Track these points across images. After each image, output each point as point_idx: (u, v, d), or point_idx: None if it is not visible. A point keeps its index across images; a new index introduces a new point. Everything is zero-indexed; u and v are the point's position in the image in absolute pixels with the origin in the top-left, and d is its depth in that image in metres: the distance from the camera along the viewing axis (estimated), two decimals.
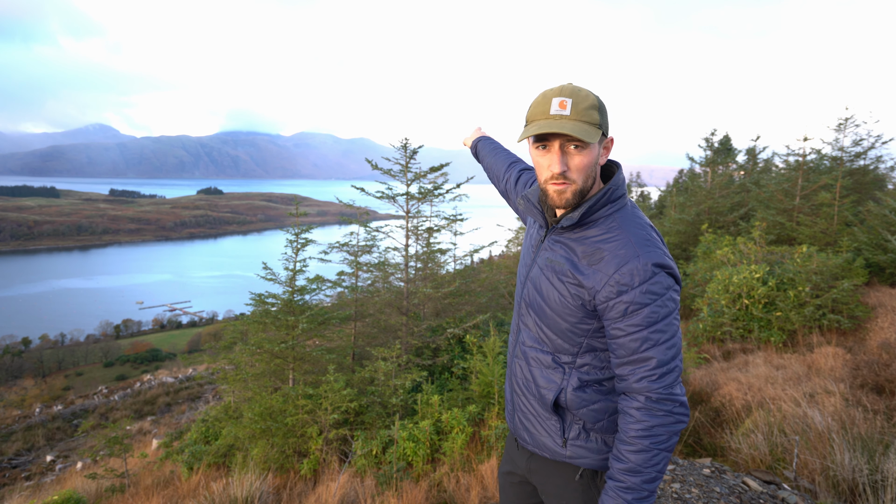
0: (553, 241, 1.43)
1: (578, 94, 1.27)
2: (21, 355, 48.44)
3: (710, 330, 7.64)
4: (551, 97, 1.27)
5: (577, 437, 1.43)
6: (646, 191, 29.60)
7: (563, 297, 1.36)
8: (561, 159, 1.28)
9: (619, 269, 1.26)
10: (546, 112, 1.27)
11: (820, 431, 3.64)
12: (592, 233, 1.34)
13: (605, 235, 1.32)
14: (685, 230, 13.89)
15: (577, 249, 1.35)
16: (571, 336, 1.38)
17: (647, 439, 1.26)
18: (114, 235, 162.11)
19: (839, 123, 11.14)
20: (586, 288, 1.31)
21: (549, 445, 1.48)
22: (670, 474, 3.18)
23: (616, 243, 1.30)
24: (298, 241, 7.18)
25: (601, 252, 1.31)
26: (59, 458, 22.34)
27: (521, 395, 1.53)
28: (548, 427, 1.47)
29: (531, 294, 1.46)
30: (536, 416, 1.50)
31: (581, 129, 1.23)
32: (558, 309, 1.38)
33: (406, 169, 7.69)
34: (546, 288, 1.41)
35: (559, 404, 1.42)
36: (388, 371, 6.31)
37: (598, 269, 1.30)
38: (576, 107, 1.25)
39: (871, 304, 7.31)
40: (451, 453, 4.43)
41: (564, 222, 1.35)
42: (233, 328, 10.41)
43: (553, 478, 1.51)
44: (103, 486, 7.58)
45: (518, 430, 1.57)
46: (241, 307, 17.25)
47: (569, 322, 1.37)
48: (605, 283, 1.27)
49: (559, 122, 1.24)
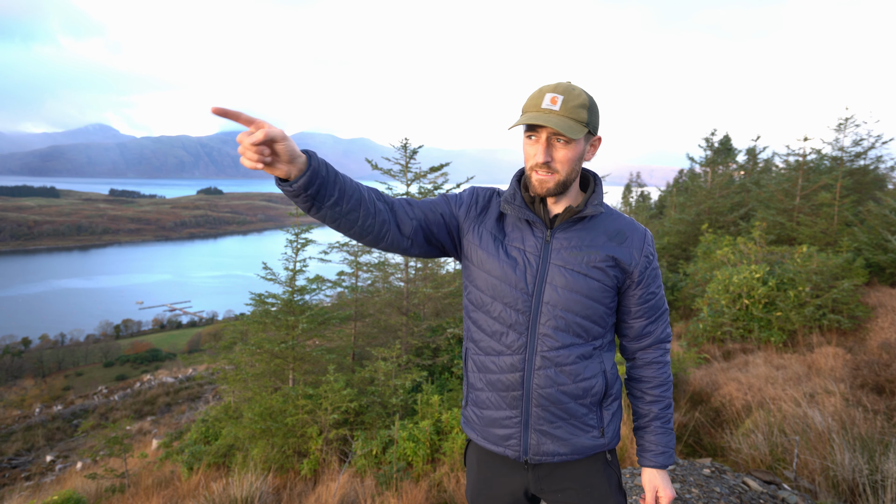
0: (566, 236, 1.44)
1: (571, 92, 1.34)
2: (21, 355, 48.43)
3: (710, 330, 7.64)
4: (545, 92, 1.35)
5: (610, 420, 1.53)
6: (646, 191, 29.60)
7: (600, 281, 1.44)
8: (546, 150, 1.36)
9: (643, 243, 1.47)
10: (538, 105, 1.34)
11: (820, 431, 3.64)
12: (599, 219, 1.47)
13: (611, 218, 1.49)
14: (685, 230, 13.89)
15: (600, 234, 1.46)
16: (605, 318, 1.48)
17: (671, 378, 1.57)
18: (114, 235, 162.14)
19: (839, 123, 11.14)
20: (623, 265, 1.45)
21: (588, 443, 1.49)
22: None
23: (625, 222, 1.49)
24: (298, 241, 7.18)
25: (623, 232, 1.47)
26: (59, 458, 22.34)
27: (550, 405, 1.45)
28: (587, 423, 1.48)
29: (560, 294, 1.42)
30: (571, 419, 1.46)
31: (566, 124, 1.31)
32: (597, 295, 1.44)
33: (406, 169, 7.69)
34: (582, 280, 1.42)
35: (605, 389, 1.50)
36: (388, 371, 6.31)
37: (627, 246, 1.46)
38: (566, 104, 1.33)
39: (871, 304, 7.31)
40: (451, 453, 4.42)
41: (591, 211, 1.42)
42: (233, 328, 10.41)
43: (578, 474, 1.51)
44: (103, 487, 7.58)
45: (537, 447, 1.48)
46: (241, 307, 17.26)
47: (605, 304, 1.47)
48: (639, 255, 1.47)
49: (547, 115, 1.32)
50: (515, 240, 1.46)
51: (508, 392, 1.48)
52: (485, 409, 1.53)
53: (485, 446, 1.55)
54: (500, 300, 1.45)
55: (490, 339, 1.49)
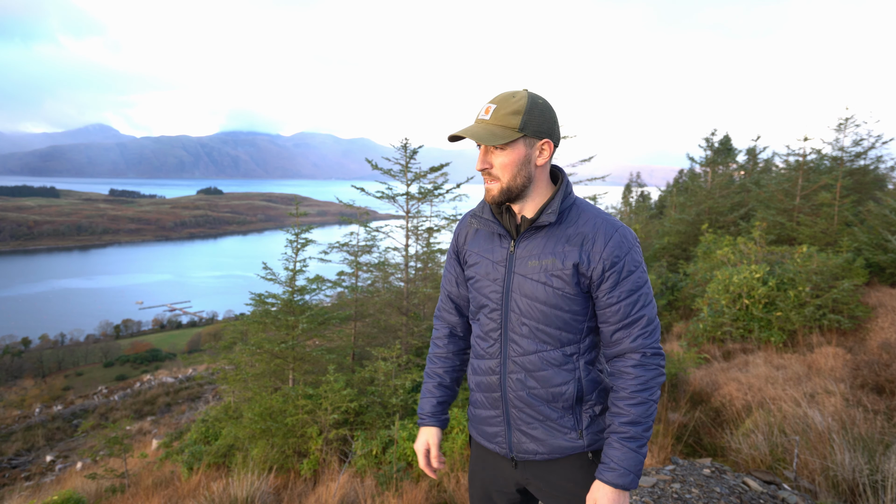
0: (527, 245, 1.49)
1: (507, 100, 1.39)
2: (21, 355, 48.40)
3: (710, 330, 7.64)
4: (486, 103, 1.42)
5: (590, 424, 1.52)
6: (646, 191, 29.56)
7: (559, 289, 1.44)
8: (483, 157, 1.43)
9: (607, 245, 1.41)
10: (477, 116, 1.43)
11: (820, 431, 3.64)
12: (564, 224, 1.46)
13: (578, 222, 1.46)
14: (685, 230, 13.89)
15: (560, 241, 1.45)
16: (574, 324, 1.47)
17: (644, 392, 1.42)
18: (114, 235, 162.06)
19: (839, 123, 11.14)
20: (583, 270, 1.43)
21: (565, 444, 1.52)
22: (670, 474, 3.18)
23: (592, 224, 1.44)
24: (298, 241, 7.18)
25: (584, 235, 1.43)
26: (59, 458, 22.34)
27: (524, 407, 1.52)
28: (562, 426, 1.51)
29: (522, 303, 1.48)
30: (546, 421, 1.52)
31: (487, 131, 1.37)
32: (559, 302, 1.45)
33: (406, 169, 7.69)
34: (541, 289, 1.46)
35: (577, 395, 1.50)
36: (388, 371, 6.31)
37: (588, 250, 1.42)
38: (496, 112, 1.39)
39: (871, 304, 7.31)
40: (451, 453, 4.42)
41: (544, 220, 1.44)
42: (233, 328, 10.41)
43: (560, 472, 1.55)
44: (103, 487, 7.58)
45: (519, 445, 1.56)
46: (241, 307, 17.26)
47: (571, 311, 1.46)
48: (600, 258, 1.41)
49: (474, 126, 1.40)
50: (487, 251, 1.55)
51: (490, 393, 1.58)
52: (477, 409, 1.65)
53: (481, 443, 1.67)
54: (481, 309, 1.57)
55: (477, 345, 1.61)
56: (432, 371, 1.74)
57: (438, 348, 1.75)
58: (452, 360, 1.74)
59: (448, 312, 1.74)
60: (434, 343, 1.77)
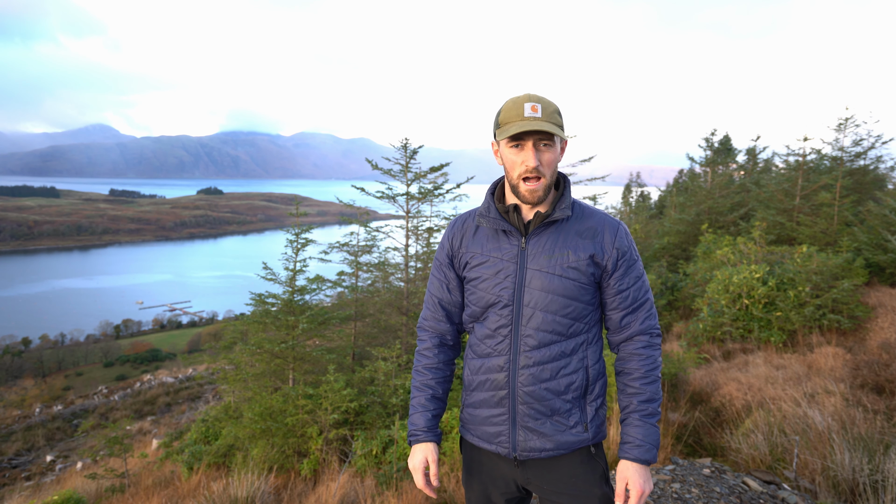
0: (538, 241, 1.55)
1: (544, 100, 1.49)
2: (21, 355, 48.39)
3: (710, 330, 7.64)
4: (523, 103, 1.47)
5: (594, 417, 1.58)
6: (646, 191, 29.56)
7: (576, 280, 1.53)
8: (535, 154, 1.46)
9: (615, 237, 1.55)
10: (521, 115, 1.45)
11: (820, 431, 3.64)
12: (572, 220, 1.56)
13: (583, 217, 1.57)
14: (685, 230, 13.89)
15: (571, 235, 1.55)
16: (585, 314, 1.56)
17: (656, 370, 1.56)
18: (114, 235, 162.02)
19: (839, 123, 11.14)
20: (598, 261, 1.54)
21: (571, 439, 1.56)
22: (670, 474, 3.18)
23: (597, 219, 1.57)
24: (298, 241, 7.18)
25: (594, 229, 1.55)
26: (59, 458, 22.34)
27: (534, 402, 1.54)
28: (571, 419, 1.55)
29: (536, 296, 1.53)
30: (554, 416, 1.55)
31: (553, 127, 1.44)
32: (574, 293, 1.53)
33: (406, 169, 7.69)
34: (557, 281, 1.52)
35: (584, 385, 1.56)
36: (388, 371, 6.32)
37: (601, 242, 1.54)
38: (545, 110, 1.47)
39: (871, 304, 7.31)
40: (452, 453, 4.42)
41: (561, 215, 1.53)
42: (233, 328, 10.41)
43: (564, 468, 1.58)
44: (103, 486, 7.58)
45: (524, 443, 1.57)
46: (241, 307, 17.26)
47: (583, 301, 1.55)
48: (612, 248, 1.54)
49: (535, 122, 1.44)
50: (494, 250, 1.58)
51: (496, 391, 1.59)
52: (477, 409, 1.64)
53: (479, 445, 1.66)
54: (488, 307, 1.59)
55: (481, 344, 1.62)
56: (423, 383, 1.70)
57: (428, 359, 1.71)
58: (443, 370, 1.72)
59: (438, 321, 1.72)
60: (422, 354, 1.73)
